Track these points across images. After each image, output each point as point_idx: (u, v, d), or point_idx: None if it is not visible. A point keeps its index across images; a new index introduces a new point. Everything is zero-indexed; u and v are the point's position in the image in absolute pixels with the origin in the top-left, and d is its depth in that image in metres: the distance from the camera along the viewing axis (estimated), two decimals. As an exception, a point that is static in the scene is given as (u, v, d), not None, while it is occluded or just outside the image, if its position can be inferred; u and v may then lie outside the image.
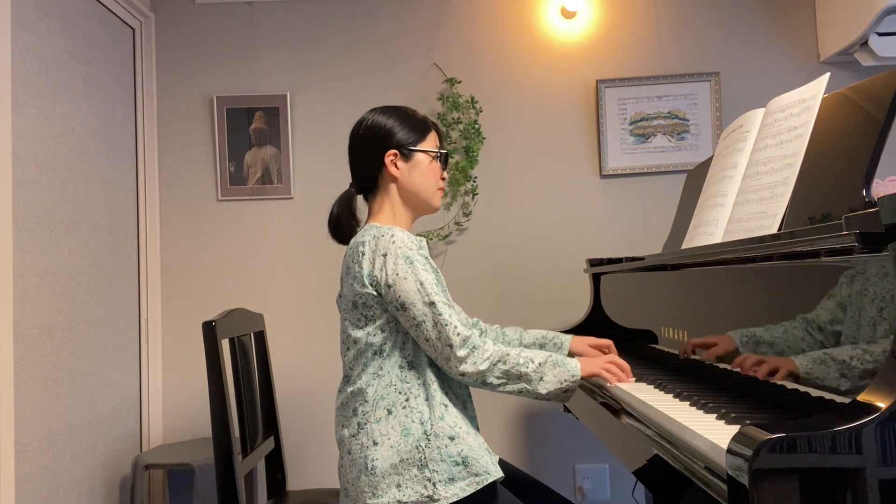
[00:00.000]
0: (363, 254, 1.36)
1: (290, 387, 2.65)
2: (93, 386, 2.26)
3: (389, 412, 1.34)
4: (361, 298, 1.36)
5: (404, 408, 1.34)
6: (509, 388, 1.35)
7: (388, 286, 1.33)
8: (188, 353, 2.66)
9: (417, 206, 1.51)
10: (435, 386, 1.36)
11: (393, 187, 1.48)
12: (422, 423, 1.33)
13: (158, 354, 2.64)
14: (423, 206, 1.51)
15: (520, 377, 1.35)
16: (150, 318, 2.63)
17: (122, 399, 2.46)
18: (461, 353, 1.32)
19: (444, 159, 1.53)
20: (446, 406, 1.36)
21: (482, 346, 1.34)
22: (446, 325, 1.32)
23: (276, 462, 1.89)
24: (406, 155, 1.47)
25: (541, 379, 1.35)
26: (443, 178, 1.53)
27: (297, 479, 2.63)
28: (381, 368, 1.37)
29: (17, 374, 1.86)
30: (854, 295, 0.93)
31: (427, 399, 1.35)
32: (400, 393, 1.35)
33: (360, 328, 1.38)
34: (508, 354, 1.35)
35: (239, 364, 1.72)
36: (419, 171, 1.48)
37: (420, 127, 1.50)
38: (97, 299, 2.31)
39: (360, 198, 1.55)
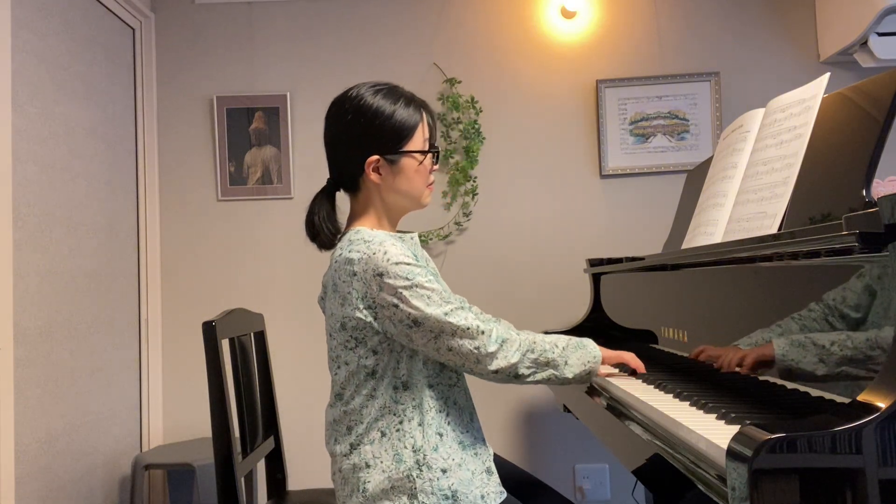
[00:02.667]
0: (354, 274, 1.27)
1: (290, 387, 2.65)
2: (93, 386, 2.26)
3: (383, 434, 1.30)
4: (351, 322, 1.28)
5: (397, 430, 1.29)
6: (538, 376, 1.31)
7: (395, 306, 1.24)
8: (188, 353, 2.66)
9: (405, 207, 1.40)
10: (433, 412, 1.31)
11: (376, 192, 1.36)
12: (415, 452, 1.28)
13: (158, 354, 2.64)
14: (412, 204, 1.39)
15: (548, 364, 1.31)
16: (150, 318, 2.63)
17: (122, 399, 2.46)
18: (492, 348, 1.26)
19: (435, 155, 1.39)
20: (441, 435, 1.30)
21: (510, 339, 1.28)
22: (468, 328, 1.25)
23: (276, 462, 1.89)
24: (390, 161, 1.33)
25: (566, 363, 1.32)
26: (432, 171, 1.39)
27: (297, 479, 2.63)
28: (375, 390, 1.30)
29: (17, 374, 1.86)
30: (854, 295, 0.93)
31: (421, 424, 1.29)
32: (394, 415, 1.30)
33: (351, 350, 1.31)
34: (535, 342, 1.30)
35: (239, 364, 1.72)
36: (404, 176, 1.35)
37: (407, 120, 1.34)
38: (97, 299, 2.31)
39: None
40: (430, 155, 1.38)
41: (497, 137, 2.69)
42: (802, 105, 1.38)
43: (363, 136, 1.33)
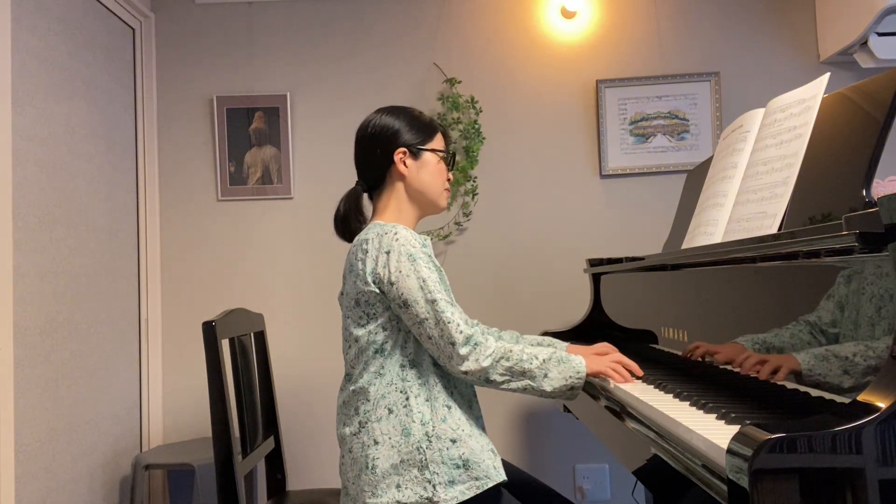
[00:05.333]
0: (366, 251, 1.36)
1: (290, 387, 2.65)
2: (93, 386, 2.26)
3: (390, 411, 1.34)
4: (364, 296, 1.36)
5: (405, 406, 1.33)
6: (513, 385, 1.34)
7: (391, 283, 1.33)
8: (188, 353, 2.66)
9: (424, 206, 1.52)
10: (438, 387, 1.36)
11: (400, 186, 1.49)
12: (423, 424, 1.32)
13: (158, 354, 2.64)
14: (430, 205, 1.52)
15: (523, 374, 1.34)
16: (150, 318, 2.63)
17: (122, 399, 2.46)
18: (463, 350, 1.31)
19: (451, 160, 1.55)
20: (449, 408, 1.35)
21: (484, 343, 1.33)
22: (448, 322, 1.31)
23: (276, 462, 1.89)
24: (415, 154, 1.48)
25: (545, 376, 1.34)
26: (448, 179, 1.54)
27: (297, 479, 2.63)
28: (383, 367, 1.36)
29: (17, 374, 1.86)
30: (854, 294, 0.93)
31: (428, 399, 1.34)
32: (401, 392, 1.34)
33: (362, 326, 1.37)
34: (511, 351, 1.34)
35: (239, 364, 1.72)
36: (427, 170, 1.49)
37: (427, 128, 1.51)
38: (97, 299, 2.31)
39: (365, 196, 1.55)
40: (447, 158, 1.53)
41: (497, 137, 2.69)
42: (802, 105, 1.38)
43: (392, 136, 1.49)
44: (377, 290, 1.35)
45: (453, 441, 1.32)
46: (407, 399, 1.34)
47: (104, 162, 2.40)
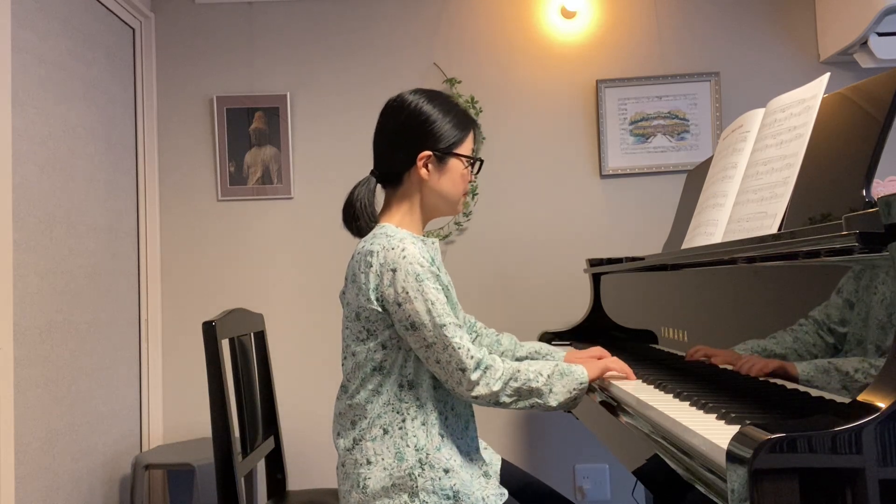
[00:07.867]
0: (370, 265, 1.30)
1: (290, 387, 2.65)
2: (93, 386, 2.26)
3: (385, 432, 1.31)
4: (365, 312, 1.31)
5: (400, 428, 1.30)
6: (521, 404, 1.32)
7: (398, 304, 1.27)
8: (188, 353, 2.66)
9: (439, 209, 1.44)
10: (435, 413, 1.32)
11: (417, 188, 1.40)
12: (417, 451, 1.29)
13: (158, 354, 2.64)
14: (446, 209, 1.44)
15: (531, 392, 1.31)
16: (150, 318, 2.63)
17: (122, 399, 2.46)
18: (474, 376, 1.27)
19: (477, 165, 1.45)
20: (443, 437, 1.32)
21: (493, 366, 1.29)
22: (458, 348, 1.27)
23: (276, 462, 1.89)
24: (440, 159, 1.39)
25: (550, 391, 1.32)
26: (470, 182, 1.46)
27: (297, 479, 2.63)
28: (381, 386, 1.32)
29: (17, 374, 1.86)
30: (855, 295, 0.92)
31: (424, 423, 1.31)
32: (397, 413, 1.31)
33: (362, 342, 1.33)
34: (518, 371, 1.31)
35: (239, 364, 1.72)
36: (449, 177, 1.40)
37: (461, 126, 1.41)
38: (97, 299, 2.31)
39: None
40: (473, 164, 1.44)
41: (497, 137, 2.69)
42: (802, 105, 1.38)
43: (419, 133, 1.38)
44: (380, 309, 1.29)
45: (446, 471, 1.29)
46: (403, 421, 1.31)
47: (104, 162, 2.40)
